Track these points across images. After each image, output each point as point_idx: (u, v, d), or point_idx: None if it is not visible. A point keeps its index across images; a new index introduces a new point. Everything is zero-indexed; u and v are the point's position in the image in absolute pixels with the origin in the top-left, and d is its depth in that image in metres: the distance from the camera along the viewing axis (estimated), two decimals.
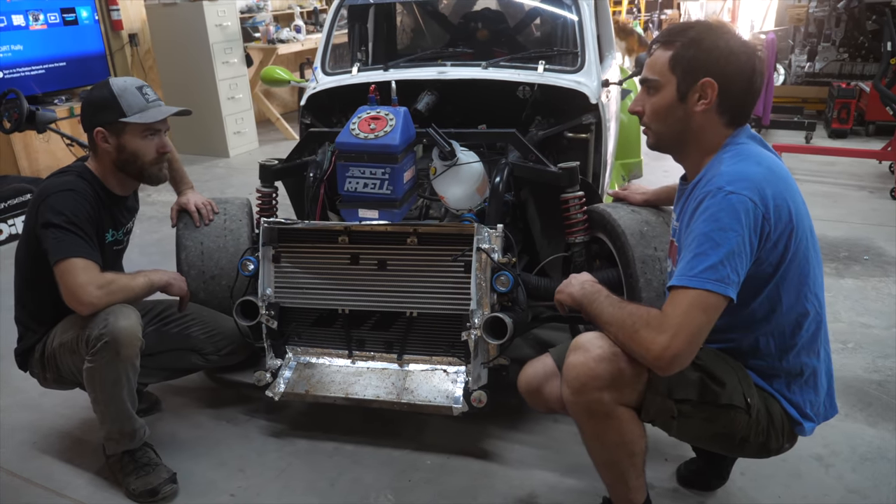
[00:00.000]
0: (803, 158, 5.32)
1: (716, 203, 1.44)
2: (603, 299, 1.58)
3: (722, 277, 1.40)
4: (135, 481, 2.05)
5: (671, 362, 1.41)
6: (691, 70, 1.53)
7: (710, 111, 1.55)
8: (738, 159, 1.52)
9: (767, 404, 1.60)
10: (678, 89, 1.55)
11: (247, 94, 6.34)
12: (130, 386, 1.99)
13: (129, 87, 2.07)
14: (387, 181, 2.20)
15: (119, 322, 1.89)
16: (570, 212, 2.35)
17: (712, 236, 1.42)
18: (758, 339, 1.59)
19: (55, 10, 5.24)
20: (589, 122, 2.67)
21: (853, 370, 2.60)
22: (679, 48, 1.54)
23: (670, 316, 1.41)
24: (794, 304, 1.55)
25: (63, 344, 2.02)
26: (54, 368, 2.09)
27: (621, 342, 1.49)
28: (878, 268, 3.50)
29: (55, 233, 1.94)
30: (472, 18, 3.68)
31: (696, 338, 1.41)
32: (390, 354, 2.24)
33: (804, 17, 7.12)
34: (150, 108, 2.08)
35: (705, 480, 2.01)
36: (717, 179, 1.48)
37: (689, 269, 1.43)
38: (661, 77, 1.57)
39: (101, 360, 1.91)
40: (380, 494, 2.05)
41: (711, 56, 1.51)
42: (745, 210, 1.42)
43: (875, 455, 2.14)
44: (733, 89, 1.53)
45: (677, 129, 1.60)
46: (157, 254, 3.76)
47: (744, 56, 1.52)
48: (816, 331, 1.60)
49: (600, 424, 1.56)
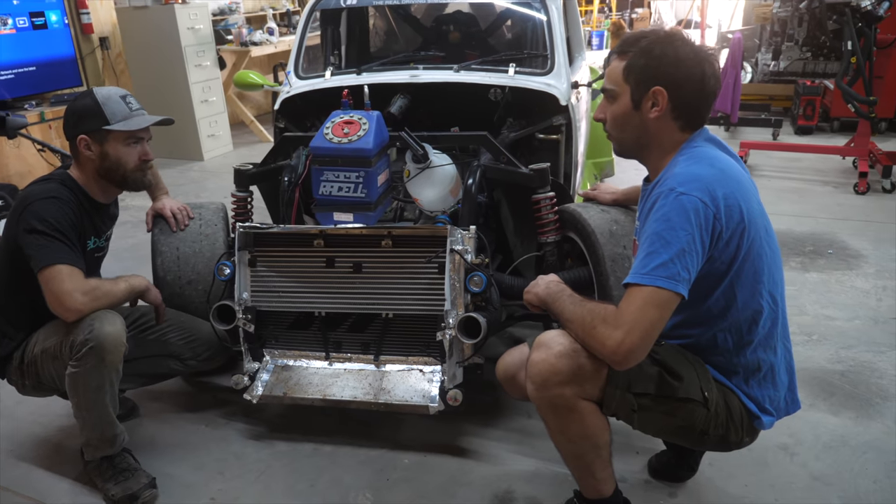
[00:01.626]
0: (770, 155, 5.45)
1: (667, 204, 1.50)
2: (565, 298, 1.64)
3: (672, 275, 1.46)
4: (114, 487, 2.06)
5: (626, 357, 1.47)
6: (643, 79, 1.59)
7: (664, 117, 1.61)
8: (691, 162, 1.58)
9: (726, 398, 1.65)
10: (632, 98, 1.62)
11: (220, 97, 6.31)
12: (113, 391, 2.00)
13: (112, 96, 2.09)
14: (361, 185, 2.23)
15: (104, 327, 1.90)
16: (542, 212, 2.40)
17: (663, 235, 1.48)
18: (715, 336, 1.65)
19: (24, 15, 5.17)
20: (559, 123, 2.73)
21: (817, 361, 2.69)
22: (631, 58, 1.61)
23: (625, 312, 1.47)
24: (748, 301, 1.61)
25: (45, 350, 2.02)
26: (34, 375, 2.09)
27: (580, 338, 1.55)
28: (842, 261, 3.61)
29: (39, 239, 1.94)
30: (444, 21, 3.72)
31: (649, 333, 1.47)
32: (367, 355, 2.27)
33: (770, 16, 7.26)
34: (133, 117, 2.10)
35: (675, 472, 2.07)
36: (670, 181, 1.54)
37: (641, 268, 1.49)
38: (617, 87, 1.64)
39: (85, 366, 1.91)
40: (359, 494, 2.08)
41: (661, 64, 1.57)
42: (696, 210, 1.48)
43: (838, 443, 2.22)
44: (684, 95, 1.59)
45: (635, 135, 1.66)
46: (130, 259, 3.73)
47: (692, 62, 1.58)
48: (772, 327, 1.66)
49: (564, 418, 1.61)
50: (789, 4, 6.81)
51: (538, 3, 3.03)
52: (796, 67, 6.87)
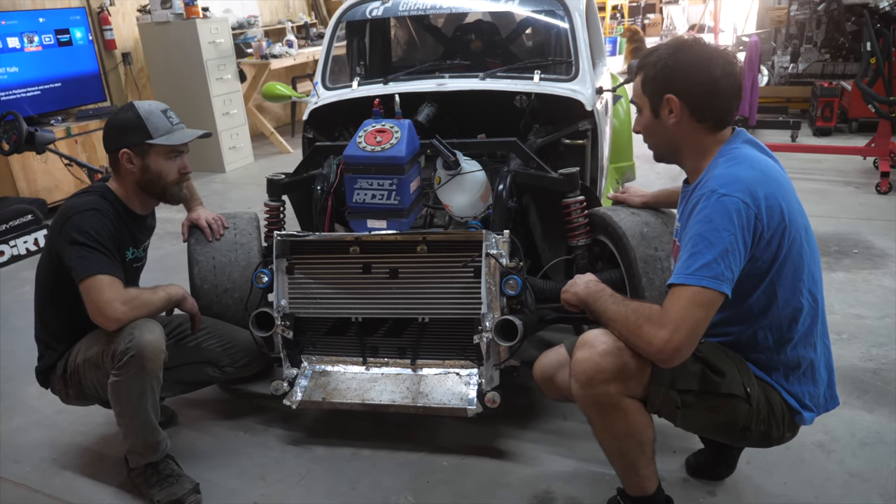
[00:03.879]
0: (790, 156, 5.44)
1: (710, 205, 1.54)
2: (607, 297, 1.67)
3: (716, 274, 1.49)
4: (159, 493, 2.10)
5: (672, 355, 1.50)
6: (656, 90, 1.68)
7: (685, 121, 1.67)
8: (731, 163, 1.62)
9: (767, 394, 1.67)
10: (651, 108, 1.72)
11: (241, 110, 6.40)
12: (154, 398, 2.04)
13: (154, 111, 2.14)
14: (394, 192, 2.27)
15: (144, 336, 1.95)
16: (572, 216, 2.42)
17: (706, 236, 1.52)
18: (756, 333, 1.67)
19: (50, 32, 5.29)
20: (585, 128, 2.76)
21: (849, 360, 2.69)
22: (646, 71, 1.70)
23: (670, 312, 1.50)
24: (789, 300, 1.63)
25: (87, 360, 2.07)
26: (77, 384, 2.14)
27: (625, 337, 1.58)
28: (868, 260, 3.60)
29: (80, 250, 1.99)
30: (465, 30, 3.76)
31: (695, 331, 1.50)
32: (404, 360, 2.30)
33: (785, 19, 7.26)
34: (174, 131, 2.16)
35: (713, 470, 2.08)
36: (711, 182, 1.58)
37: (685, 268, 1.52)
38: (639, 100, 1.74)
39: (126, 374, 1.96)
40: (400, 496, 2.11)
41: (668, 73, 1.65)
42: (738, 210, 1.52)
43: (874, 440, 2.23)
44: (696, 98, 1.64)
45: (665, 141, 1.74)
46: (159, 270, 3.79)
47: (697, 66, 1.63)
48: (812, 324, 1.68)
49: (608, 416, 1.64)
50: (807, 7, 6.81)
51: (561, 10, 3.06)
52: (815, 69, 6.86)
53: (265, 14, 7.61)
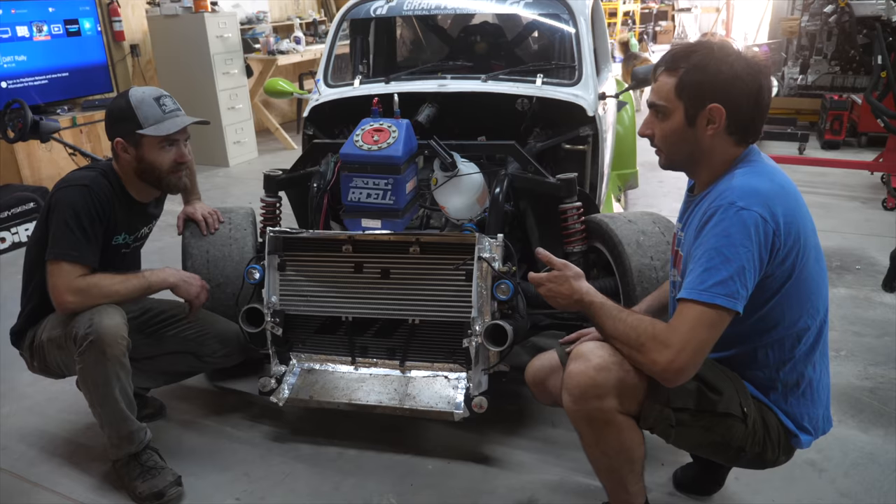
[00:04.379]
0: (796, 169, 5.39)
1: (727, 218, 1.47)
2: (606, 310, 1.60)
3: (731, 292, 1.44)
4: (141, 485, 2.08)
5: (677, 375, 1.47)
6: (697, 96, 1.54)
7: (720, 133, 1.57)
8: (750, 175, 1.55)
9: (764, 415, 1.63)
10: (686, 115, 1.57)
11: (246, 105, 6.40)
12: (122, 386, 2.00)
13: (146, 99, 2.11)
14: (390, 192, 2.25)
15: (103, 321, 1.93)
16: (569, 222, 2.40)
17: (723, 251, 1.46)
18: (756, 350, 1.63)
19: (59, 22, 5.30)
20: (586, 133, 2.73)
21: (846, 377, 2.65)
22: (684, 74, 1.55)
23: (677, 331, 1.46)
24: (796, 320, 1.58)
25: (51, 339, 2.07)
26: (41, 359, 2.15)
27: (627, 354, 1.53)
28: (870, 277, 3.56)
29: (59, 226, 2.00)
30: (471, 32, 3.75)
31: (700, 352, 1.46)
32: (393, 361, 2.28)
33: (797, 29, 7.21)
34: (166, 120, 2.11)
35: (701, 486, 2.05)
36: (729, 194, 1.50)
37: (698, 283, 1.47)
38: (669, 103, 1.58)
39: (88, 360, 1.95)
40: (383, 498, 2.09)
41: (717, 81, 1.53)
42: (756, 225, 1.46)
43: (867, 460, 2.19)
44: (741, 111, 1.55)
45: (688, 151, 1.62)
46: (158, 262, 3.74)
47: (748, 78, 1.53)
48: (815, 344, 1.63)
49: (600, 431, 1.59)
50: (818, 18, 6.76)
51: (566, 14, 3.04)
52: (824, 81, 6.80)
53: (274, 10, 7.62)
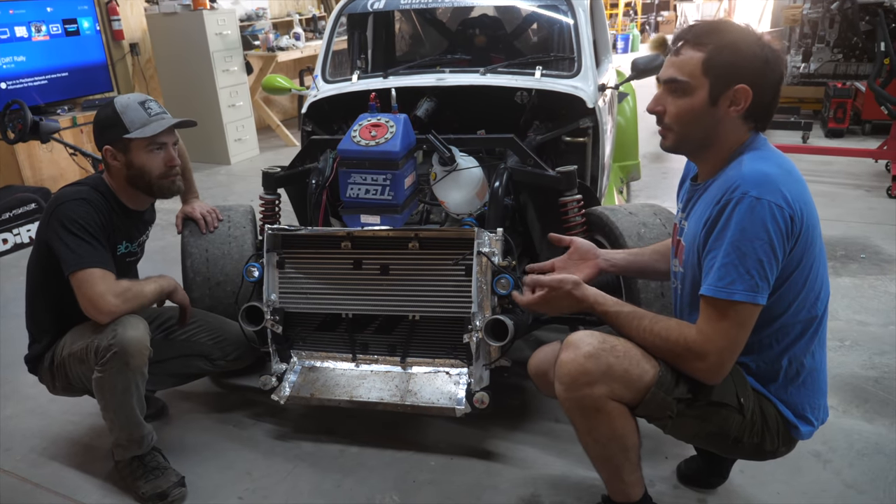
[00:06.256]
0: (800, 158, 5.35)
1: (742, 210, 1.44)
2: (624, 319, 1.62)
3: (751, 287, 1.44)
4: (144, 485, 2.08)
5: (718, 378, 1.54)
6: (727, 75, 1.49)
7: (737, 117, 1.54)
8: (759, 161, 1.52)
9: (762, 406, 1.62)
10: (710, 94, 1.51)
11: (247, 102, 6.39)
12: (139, 394, 2.02)
13: (131, 104, 2.09)
14: (388, 187, 2.24)
15: (127, 332, 1.92)
16: (569, 214, 2.39)
17: (740, 246, 1.44)
18: (760, 340, 1.61)
19: (57, 22, 5.29)
20: (586, 126, 2.71)
21: (850, 367, 2.64)
22: (713, 51, 1.49)
23: (710, 339, 1.49)
24: (800, 309, 1.57)
25: (73, 354, 2.05)
26: (63, 377, 2.13)
27: (664, 358, 1.57)
28: (875, 266, 3.54)
29: (70, 242, 1.97)
30: (469, 25, 3.73)
31: (736, 350, 1.51)
32: (393, 357, 2.27)
33: (799, 17, 7.16)
34: (151, 122, 2.09)
35: (705, 478, 2.04)
36: (741, 183, 1.46)
37: (717, 279, 1.46)
38: (692, 79, 1.52)
39: (110, 370, 1.94)
40: (385, 495, 2.08)
41: (750, 63, 1.49)
42: (772, 215, 1.43)
43: (872, 450, 2.18)
44: (765, 96, 1.53)
45: (703, 132, 1.56)
46: (161, 261, 3.79)
47: (775, 64, 1.51)
48: (815, 332, 1.62)
49: (591, 419, 1.59)
50: (820, 6, 6.71)
51: (565, 5, 3.02)
52: (827, 69, 6.76)
53: (274, 6, 7.59)
